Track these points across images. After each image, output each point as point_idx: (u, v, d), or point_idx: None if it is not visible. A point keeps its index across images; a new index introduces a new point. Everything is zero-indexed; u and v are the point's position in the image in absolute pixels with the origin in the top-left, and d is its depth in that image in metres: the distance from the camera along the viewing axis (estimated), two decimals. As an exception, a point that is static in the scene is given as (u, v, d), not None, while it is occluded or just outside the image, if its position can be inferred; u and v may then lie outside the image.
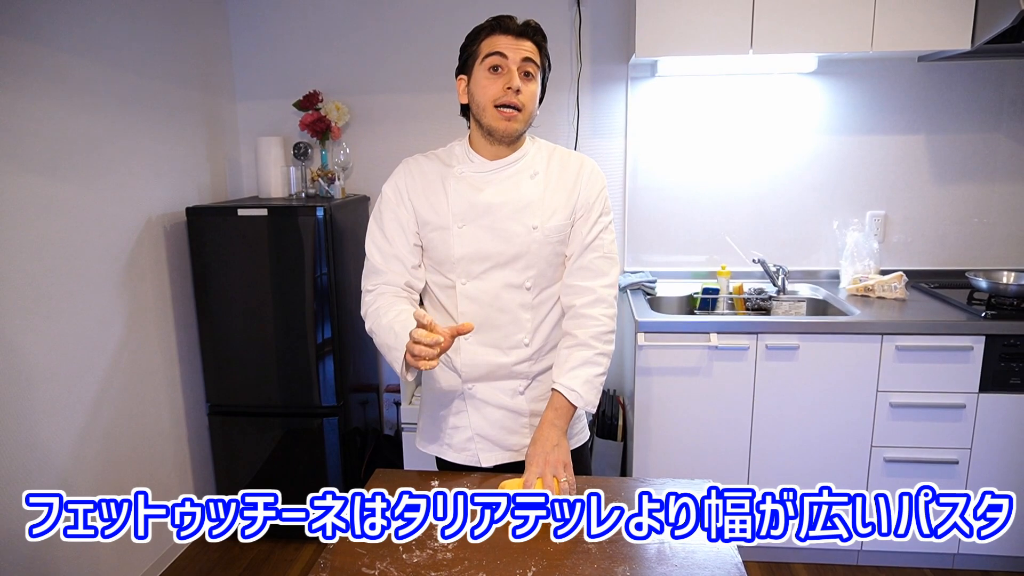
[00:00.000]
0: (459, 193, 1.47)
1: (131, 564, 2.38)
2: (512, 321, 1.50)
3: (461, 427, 1.57)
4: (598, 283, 1.49)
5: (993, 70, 2.67)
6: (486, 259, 1.47)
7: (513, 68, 1.40)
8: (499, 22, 1.42)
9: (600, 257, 1.49)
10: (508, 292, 1.49)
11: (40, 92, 1.99)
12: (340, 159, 2.90)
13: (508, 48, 1.40)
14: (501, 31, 1.41)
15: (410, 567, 1.19)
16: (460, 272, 1.49)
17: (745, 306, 2.71)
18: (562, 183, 1.49)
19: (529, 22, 1.43)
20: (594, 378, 1.46)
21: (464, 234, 1.47)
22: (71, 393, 2.12)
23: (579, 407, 1.45)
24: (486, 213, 1.46)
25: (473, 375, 1.53)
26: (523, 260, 1.47)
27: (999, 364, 2.26)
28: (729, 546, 1.24)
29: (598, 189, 1.51)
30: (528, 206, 1.46)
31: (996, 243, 2.80)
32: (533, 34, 1.43)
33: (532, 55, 1.42)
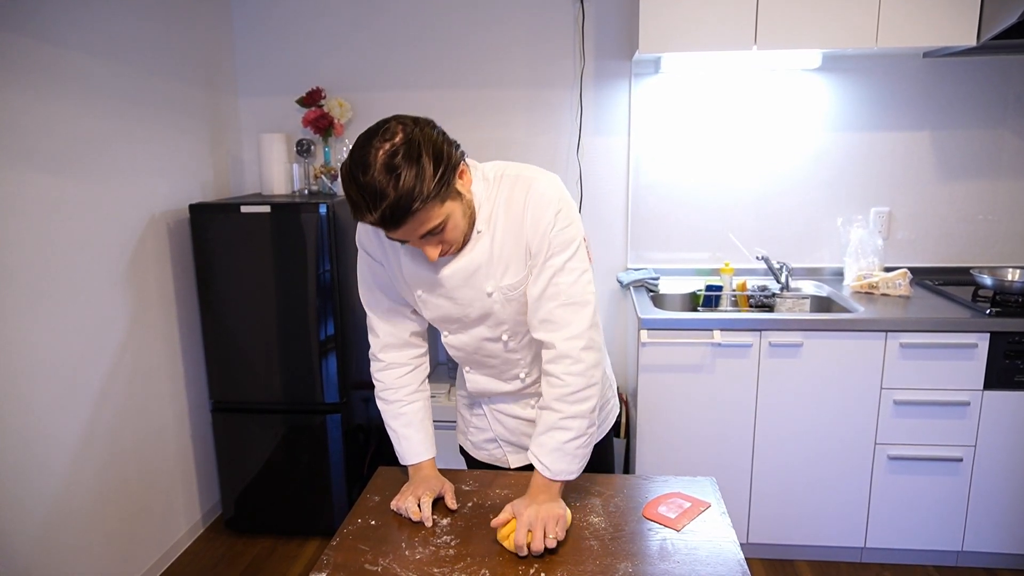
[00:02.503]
0: (408, 267, 1.35)
1: (135, 560, 2.39)
2: (503, 362, 1.45)
3: (483, 428, 1.60)
4: (559, 336, 1.29)
5: (998, 66, 2.66)
6: (455, 321, 1.40)
7: (418, 245, 1.23)
8: (368, 220, 1.15)
9: (559, 306, 1.29)
10: (488, 343, 1.42)
11: (44, 89, 1.99)
12: (343, 156, 2.89)
13: (399, 236, 1.20)
14: (378, 225, 1.17)
15: (413, 563, 1.19)
16: (438, 327, 1.44)
17: (748, 303, 2.70)
18: (509, 229, 1.30)
19: (397, 209, 1.12)
20: (563, 445, 1.28)
21: (426, 301, 1.38)
22: (75, 390, 2.12)
23: (551, 479, 1.28)
24: (438, 284, 1.34)
25: (482, 396, 1.55)
26: (490, 319, 1.37)
27: (1004, 361, 2.25)
28: (731, 543, 1.24)
29: (543, 227, 1.27)
30: (476, 271, 1.31)
31: (1001, 240, 2.79)
32: (409, 214, 1.13)
33: (426, 227, 1.17)
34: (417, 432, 1.45)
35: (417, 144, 1.13)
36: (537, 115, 2.87)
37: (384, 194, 1.11)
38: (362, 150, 1.14)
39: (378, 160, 1.11)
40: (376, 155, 1.12)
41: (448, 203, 1.19)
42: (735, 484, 2.45)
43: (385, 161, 1.11)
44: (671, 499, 1.38)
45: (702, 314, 2.57)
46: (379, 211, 1.12)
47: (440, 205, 1.17)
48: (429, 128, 1.19)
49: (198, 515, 2.77)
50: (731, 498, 2.44)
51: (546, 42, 2.83)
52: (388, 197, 1.11)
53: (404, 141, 1.13)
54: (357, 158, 1.14)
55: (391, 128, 1.15)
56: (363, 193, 1.12)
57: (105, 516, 2.24)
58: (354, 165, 1.13)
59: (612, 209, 2.93)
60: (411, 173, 1.11)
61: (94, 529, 2.19)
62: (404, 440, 1.45)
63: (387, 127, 1.16)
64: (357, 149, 1.15)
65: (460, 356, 1.48)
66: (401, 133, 1.14)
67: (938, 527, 2.40)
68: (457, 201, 1.22)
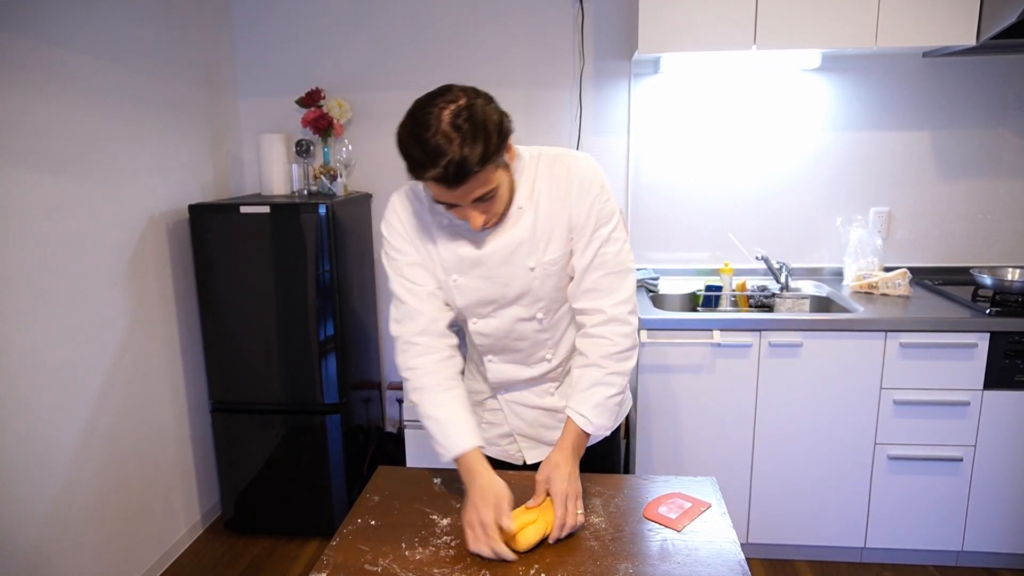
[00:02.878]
0: (446, 247, 1.37)
1: (134, 560, 2.39)
2: (531, 344, 1.47)
3: (497, 424, 1.58)
4: (607, 302, 1.37)
5: (998, 66, 2.66)
6: (489, 303, 1.41)
7: (468, 209, 1.25)
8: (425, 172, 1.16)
9: (605, 275, 1.37)
10: (520, 324, 1.43)
11: (44, 89, 1.99)
12: (342, 156, 2.89)
13: (452, 198, 1.21)
14: (434, 183, 1.18)
15: (413, 564, 1.19)
16: (468, 314, 1.44)
17: (748, 303, 2.70)
18: (552, 205, 1.35)
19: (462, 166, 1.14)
20: (605, 400, 1.36)
21: (461, 285, 1.39)
22: (74, 390, 2.12)
23: (590, 432, 1.36)
24: (477, 264, 1.36)
25: (502, 386, 1.54)
26: (527, 297, 1.39)
27: (1004, 361, 2.25)
28: (732, 543, 1.24)
29: (589, 202, 1.34)
30: (518, 248, 1.35)
31: (1001, 240, 2.79)
32: (473, 173, 1.16)
33: (482, 190, 1.21)
34: (461, 417, 1.35)
35: (481, 109, 1.18)
36: (536, 115, 2.87)
37: (449, 152, 1.14)
38: (424, 110, 1.17)
39: (443, 119, 1.15)
40: (440, 115, 1.15)
41: (500, 171, 1.24)
42: (735, 484, 2.45)
43: (451, 120, 1.15)
44: (671, 499, 1.38)
45: (702, 314, 2.57)
46: (442, 167, 1.14)
47: (495, 171, 1.22)
48: (487, 97, 1.23)
49: (198, 515, 2.77)
50: (731, 498, 2.44)
51: (545, 42, 2.83)
52: (453, 155, 1.14)
53: (467, 105, 1.17)
54: (419, 117, 1.16)
55: (453, 92, 1.19)
56: (426, 150, 1.14)
57: (105, 516, 2.24)
58: (416, 124, 1.16)
59: (612, 209, 2.93)
60: (476, 135, 1.15)
61: (94, 529, 2.19)
62: (447, 426, 1.33)
63: (449, 91, 1.19)
64: (418, 109, 1.18)
65: (487, 343, 1.47)
66: (464, 98, 1.18)
67: (938, 527, 2.40)
68: (507, 172, 1.28)
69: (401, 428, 3.05)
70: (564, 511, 1.25)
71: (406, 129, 1.18)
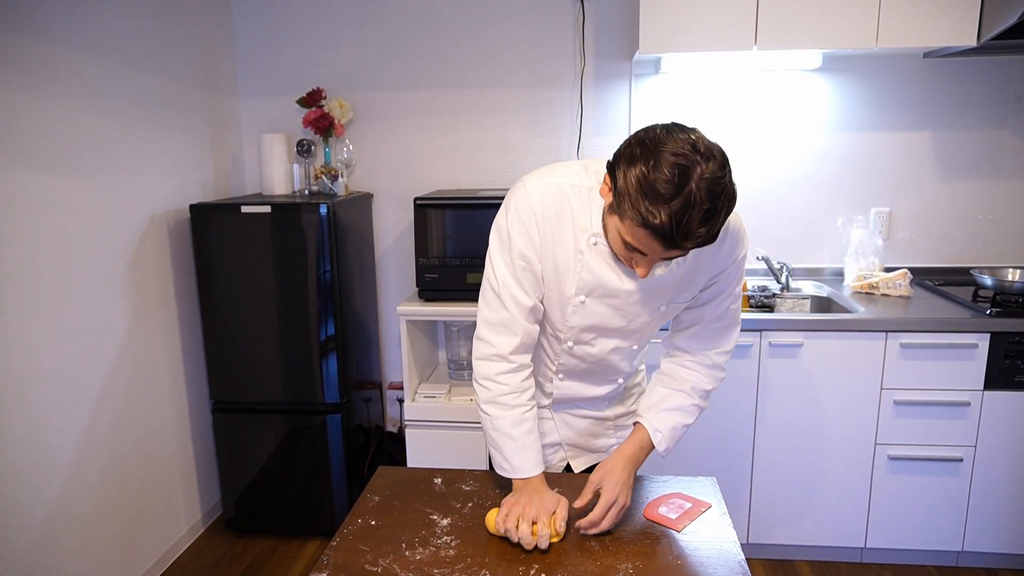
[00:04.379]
0: (590, 269, 1.28)
1: (135, 560, 2.39)
2: (610, 370, 1.47)
3: (545, 433, 1.55)
4: (714, 350, 1.40)
5: (999, 66, 2.66)
6: (602, 330, 1.37)
7: (649, 261, 1.16)
8: (653, 224, 1.05)
9: (724, 327, 1.39)
10: (614, 354, 1.42)
11: (44, 89, 1.99)
12: (343, 156, 2.90)
13: (650, 252, 1.12)
14: (651, 232, 1.07)
15: (413, 564, 1.19)
16: (568, 337, 1.39)
17: (749, 304, 2.70)
18: (704, 256, 1.29)
19: (688, 237, 1.05)
20: (681, 427, 1.40)
21: (586, 307, 1.33)
22: (75, 390, 2.12)
23: (659, 452, 1.38)
24: (614, 295, 1.31)
25: (563, 402, 1.54)
26: (638, 333, 1.39)
27: (1004, 361, 2.25)
28: (732, 543, 1.24)
29: (738, 259, 1.32)
30: (662, 290, 1.31)
31: (1001, 240, 2.79)
32: (685, 249, 1.10)
33: (680, 255, 1.13)
34: (537, 441, 1.34)
35: (730, 188, 1.07)
36: (537, 115, 2.87)
37: (689, 224, 1.04)
38: (685, 159, 1.03)
39: (702, 186, 1.03)
40: (701, 178, 1.03)
41: None
42: (735, 484, 2.45)
43: (708, 190, 1.03)
44: (672, 499, 1.38)
45: (702, 314, 2.56)
46: (671, 227, 1.04)
47: None
48: (728, 167, 1.08)
49: (198, 515, 2.77)
50: (731, 498, 2.44)
51: (546, 42, 2.83)
52: (690, 231, 1.05)
53: (722, 178, 1.05)
54: (681, 167, 1.03)
55: (713, 151, 1.06)
56: (670, 201, 1.03)
57: (106, 516, 2.25)
58: (677, 173, 1.03)
59: (612, 209, 2.93)
60: (718, 217, 1.06)
61: (95, 529, 2.20)
62: (526, 450, 1.31)
63: (708, 149, 1.06)
64: (678, 156, 1.03)
65: (570, 365, 1.44)
66: (716, 163, 1.05)
67: (938, 527, 2.40)
68: None
69: (402, 428, 3.05)
70: (603, 514, 1.26)
71: (660, 173, 1.03)
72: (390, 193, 3.02)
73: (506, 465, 1.32)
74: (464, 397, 2.59)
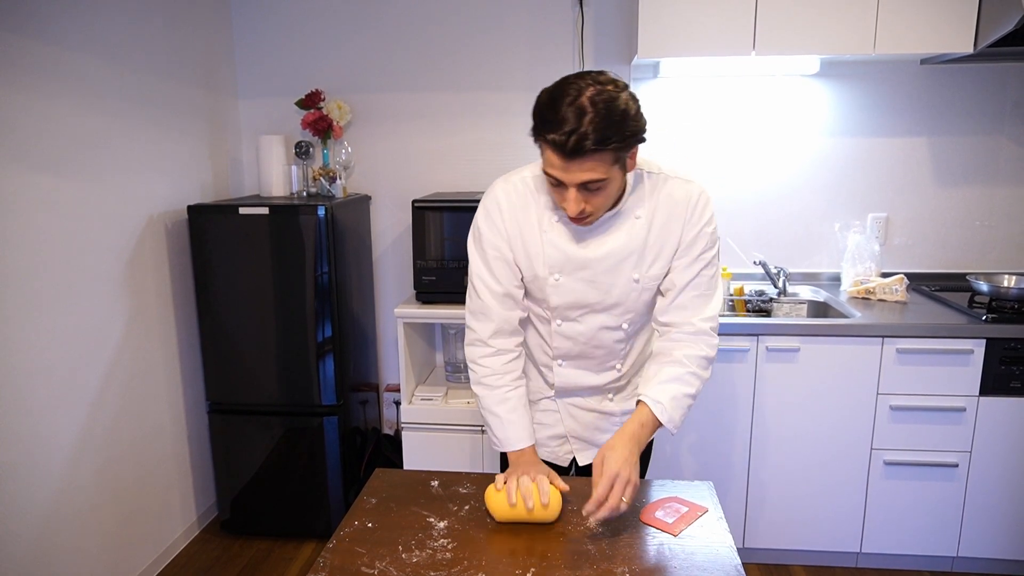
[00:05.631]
0: (554, 244, 1.38)
1: (130, 561, 2.38)
2: (606, 352, 1.50)
3: (549, 425, 1.60)
4: (697, 317, 1.41)
5: (995, 73, 2.67)
6: (583, 307, 1.44)
7: (572, 190, 1.25)
8: (549, 134, 1.18)
9: (699, 295, 1.41)
10: (604, 332, 1.47)
11: (43, 90, 1.99)
12: (342, 158, 2.90)
13: (560, 172, 1.23)
14: (552, 147, 1.20)
15: (409, 567, 1.19)
16: (556, 315, 1.46)
17: (746, 308, 2.71)
18: (667, 222, 1.38)
19: (581, 138, 1.16)
20: (683, 396, 1.38)
21: (561, 285, 1.41)
22: (72, 390, 2.12)
23: (664, 423, 1.36)
24: (583, 267, 1.39)
25: (565, 391, 1.57)
26: (621, 307, 1.44)
27: (1000, 367, 2.25)
28: (728, 547, 1.24)
29: (701, 225, 1.39)
30: (628, 257, 1.38)
31: (997, 246, 2.80)
32: (590, 151, 1.18)
33: (592, 175, 1.21)
34: (522, 418, 1.45)
35: (624, 102, 1.20)
36: (536, 119, 2.87)
37: (577, 122, 1.16)
38: (572, 81, 1.20)
39: (585, 93, 1.17)
40: (585, 89, 1.18)
41: (615, 168, 1.24)
42: (732, 489, 2.45)
43: (591, 97, 1.17)
44: (668, 503, 1.38)
45: (699, 318, 2.57)
46: (564, 133, 1.16)
47: (611, 164, 1.22)
48: (634, 99, 1.24)
49: (194, 517, 2.77)
50: (727, 502, 2.44)
51: (545, 46, 2.84)
52: (579, 127, 1.16)
53: (614, 93, 1.19)
54: (565, 85, 1.19)
55: (607, 76, 1.22)
56: (558, 114, 1.17)
57: (101, 517, 2.24)
58: (559, 89, 1.20)
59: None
60: (608, 120, 1.17)
61: (90, 530, 2.19)
62: (510, 425, 1.44)
63: (603, 74, 1.22)
64: (566, 80, 1.21)
65: (564, 347, 1.50)
66: (612, 85, 1.21)
67: (934, 532, 2.40)
68: (621, 173, 1.28)
69: (398, 430, 3.05)
70: (607, 490, 1.24)
71: (548, 91, 1.21)
72: (388, 195, 3.02)
73: (495, 440, 1.46)
74: (461, 400, 2.59)
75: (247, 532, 2.76)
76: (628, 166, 1.29)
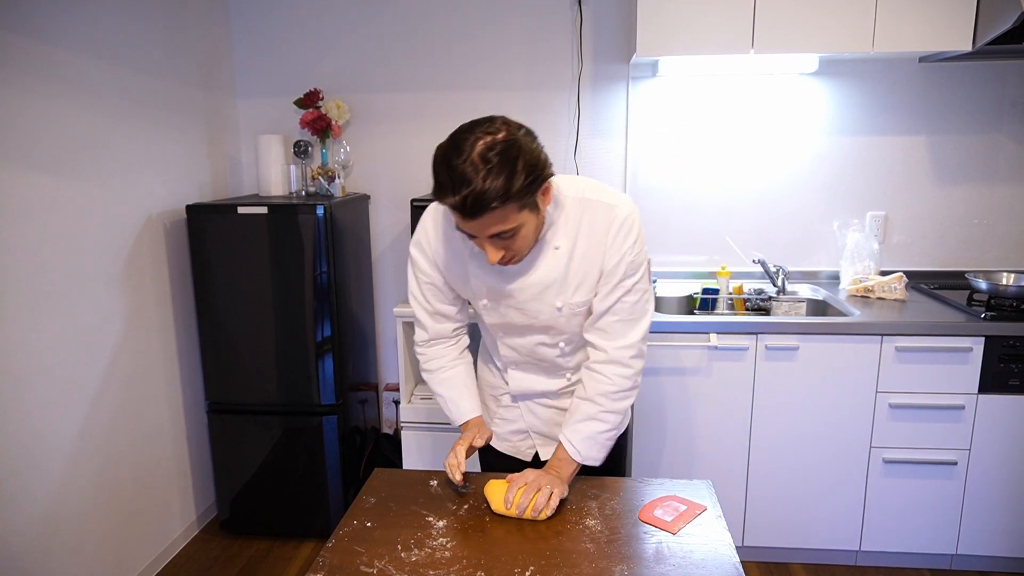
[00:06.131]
0: (478, 277, 1.42)
1: (130, 561, 2.38)
2: (552, 365, 1.54)
3: (511, 420, 1.64)
4: (612, 344, 1.41)
5: (994, 71, 2.67)
6: (515, 329, 1.48)
7: (485, 243, 1.25)
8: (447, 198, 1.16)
9: (619, 320, 1.41)
10: (543, 348, 1.50)
11: (42, 89, 1.99)
12: (340, 157, 2.89)
13: (470, 229, 1.22)
14: (452, 210, 1.19)
15: (408, 565, 1.19)
16: (495, 330, 1.52)
17: (745, 306, 2.71)
18: (588, 250, 1.37)
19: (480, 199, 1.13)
20: (597, 435, 1.42)
21: (490, 309, 1.46)
22: (71, 390, 2.12)
23: (578, 462, 1.42)
24: (507, 296, 1.41)
25: (522, 395, 1.61)
26: (553, 329, 1.46)
27: (998, 365, 2.25)
28: (727, 546, 1.24)
29: (622, 252, 1.36)
30: (548, 288, 1.39)
31: (996, 244, 2.80)
32: (492, 209, 1.15)
33: (500, 227, 1.20)
34: (461, 394, 1.54)
35: (517, 147, 1.17)
36: (534, 117, 2.87)
37: (471, 182, 1.13)
38: (462, 136, 1.17)
39: (476, 149, 1.15)
40: (475, 144, 1.15)
41: (525, 213, 1.23)
42: (731, 487, 2.45)
43: (482, 152, 1.14)
44: (667, 502, 1.38)
45: (699, 317, 2.57)
46: (461, 196, 1.14)
47: (518, 212, 1.21)
48: (530, 137, 1.22)
49: (193, 516, 2.77)
50: (726, 501, 2.44)
51: (544, 45, 2.84)
52: (474, 186, 1.13)
53: (505, 140, 1.16)
54: (456, 141, 1.17)
55: (496, 124, 1.19)
56: (452, 175, 1.15)
57: (100, 517, 2.24)
58: (451, 148, 1.17)
59: (609, 212, 2.93)
60: (503, 172, 1.14)
61: (89, 530, 2.19)
62: (451, 403, 1.54)
63: (492, 121, 1.19)
64: (458, 134, 1.18)
65: (511, 357, 1.55)
66: (505, 131, 1.18)
67: (933, 530, 2.41)
68: (534, 214, 1.26)
69: (398, 430, 3.05)
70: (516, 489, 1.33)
71: (441, 150, 1.19)
72: (387, 194, 3.02)
73: (450, 417, 1.56)
74: (460, 399, 2.59)
75: (246, 532, 2.76)
76: (541, 204, 1.27)
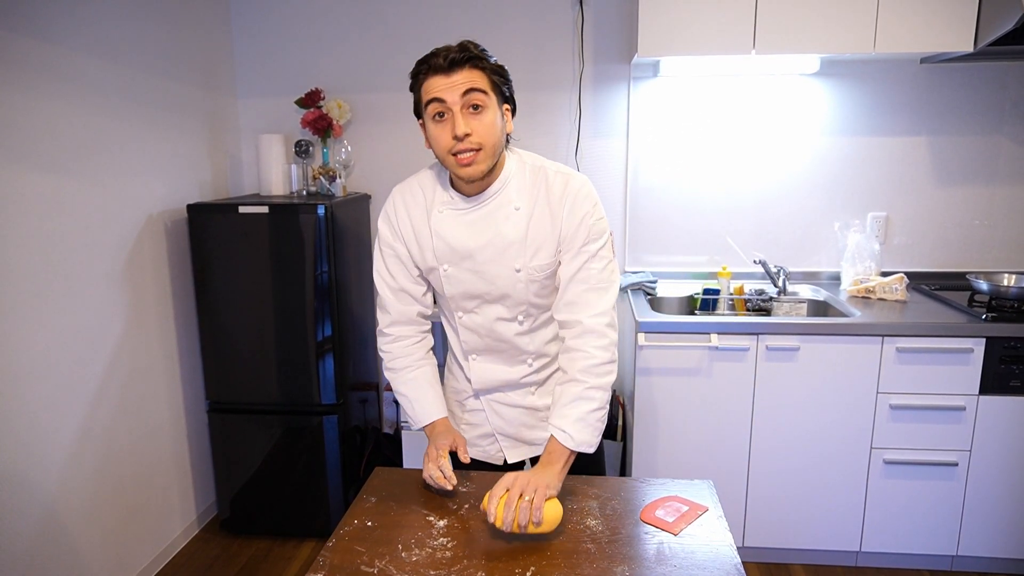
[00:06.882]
0: (440, 236, 1.44)
1: (130, 560, 2.38)
2: (512, 347, 1.53)
3: (477, 424, 1.62)
4: (585, 314, 1.40)
5: (995, 72, 2.67)
6: (475, 297, 1.48)
7: (456, 109, 1.31)
8: (427, 62, 1.31)
9: (587, 289, 1.41)
10: (502, 324, 1.50)
11: (42, 89, 1.99)
12: (341, 157, 2.89)
13: (443, 90, 1.30)
14: (432, 71, 1.31)
15: (409, 565, 1.19)
16: (455, 307, 1.52)
17: (746, 307, 2.71)
18: (546, 214, 1.41)
19: (462, 48, 1.31)
20: (587, 415, 1.37)
21: (450, 275, 1.47)
22: (71, 389, 2.12)
23: (572, 449, 1.35)
24: (467, 257, 1.43)
25: (485, 388, 1.59)
26: (511, 299, 1.46)
27: (999, 366, 2.25)
28: (728, 546, 1.24)
29: (580, 216, 1.39)
30: (508, 247, 1.41)
31: (997, 245, 2.80)
32: (466, 61, 1.30)
33: (473, 84, 1.30)
34: (426, 394, 1.53)
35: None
36: (536, 118, 2.87)
37: (451, 48, 1.30)
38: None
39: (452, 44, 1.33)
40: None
41: (494, 98, 1.35)
42: (731, 487, 2.45)
43: (462, 41, 1.33)
44: (668, 502, 1.38)
45: (699, 317, 2.57)
46: (441, 57, 1.29)
47: (490, 87, 1.34)
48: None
49: (193, 516, 2.77)
50: (727, 501, 2.44)
51: (545, 45, 2.84)
52: (453, 50, 1.30)
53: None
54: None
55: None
56: (436, 50, 1.31)
57: (100, 516, 2.24)
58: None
59: (610, 212, 2.93)
60: (480, 49, 1.33)
61: (89, 529, 2.19)
62: (415, 403, 1.53)
63: None
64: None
65: (471, 340, 1.54)
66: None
67: (933, 531, 2.40)
68: (499, 113, 1.37)
69: (398, 429, 3.05)
70: (501, 491, 1.25)
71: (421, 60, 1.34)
72: (388, 194, 3.00)
73: (412, 420, 1.55)
74: (461, 399, 2.59)
75: (246, 531, 2.76)
76: (505, 117, 1.39)
